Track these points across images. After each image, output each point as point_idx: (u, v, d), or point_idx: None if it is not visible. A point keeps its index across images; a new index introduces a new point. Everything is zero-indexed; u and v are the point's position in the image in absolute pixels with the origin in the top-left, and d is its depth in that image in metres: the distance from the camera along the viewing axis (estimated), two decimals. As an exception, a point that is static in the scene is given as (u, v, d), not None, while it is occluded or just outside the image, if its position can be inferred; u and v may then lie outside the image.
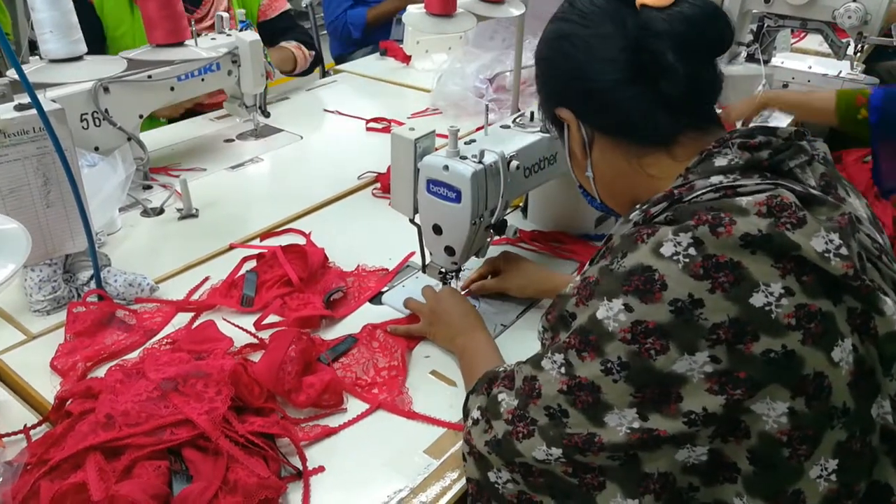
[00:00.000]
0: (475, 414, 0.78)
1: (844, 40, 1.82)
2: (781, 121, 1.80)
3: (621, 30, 0.74)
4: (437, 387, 1.01)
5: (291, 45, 2.10)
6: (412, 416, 0.94)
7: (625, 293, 0.63)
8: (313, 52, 2.19)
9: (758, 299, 0.60)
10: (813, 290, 0.61)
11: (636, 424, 0.64)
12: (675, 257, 0.62)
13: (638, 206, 0.73)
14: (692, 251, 0.61)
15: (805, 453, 0.61)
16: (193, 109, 2.01)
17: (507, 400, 0.74)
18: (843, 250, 0.61)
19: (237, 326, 1.08)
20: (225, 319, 1.10)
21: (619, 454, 0.66)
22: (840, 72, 1.88)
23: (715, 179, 0.69)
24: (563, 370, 0.68)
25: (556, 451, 0.68)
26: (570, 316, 0.69)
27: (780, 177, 0.69)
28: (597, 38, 0.76)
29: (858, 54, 1.86)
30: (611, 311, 0.64)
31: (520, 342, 1.09)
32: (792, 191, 0.65)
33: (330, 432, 0.91)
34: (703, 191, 0.67)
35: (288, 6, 2.22)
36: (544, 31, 0.83)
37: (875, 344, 0.63)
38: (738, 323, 0.60)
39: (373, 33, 2.88)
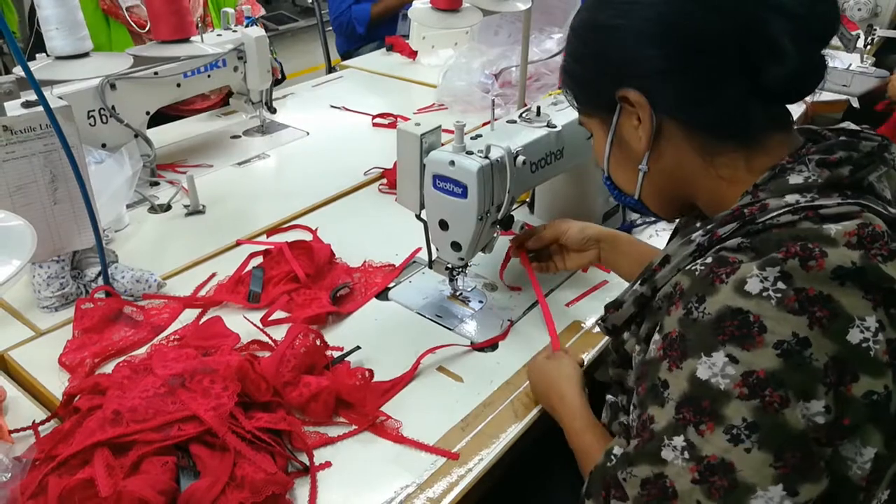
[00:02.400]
0: None
1: (854, 32, 1.80)
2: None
3: (730, 2, 0.64)
4: (444, 383, 1.00)
5: None
6: (399, 440, 0.90)
7: (721, 343, 0.56)
8: (280, 74, 2.19)
9: (854, 335, 0.55)
10: None
11: (788, 503, 0.54)
12: (765, 293, 0.56)
13: (700, 226, 0.67)
14: (781, 285, 0.56)
15: (875, 494, 0.58)
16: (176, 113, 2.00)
17: None
18: None
19: (248, 320, 1.08)
20: (237, 315, 1.10)
21: None
22: (850, 64, 1.87)
23: (791, 199, 0.62)
24: (687, 454, 0.57)
25: None
26: (663, 385, 0.60)
27: (859, 192, 0.63)
28: (691, 5, 0.65)
29: (868, 46, 1.84)
30: (715, 368, 0.56)
31: (525, 339, 1.08)
32: (877, 213, 0.60)
33: (328, 441, 0.90)
34: (780, 212, 0.61)
35: (262, 12, 2.21)
36: None
37: None
38: (838, 362, 0.55)
39: (377, 29, 2.88)
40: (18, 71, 1.05)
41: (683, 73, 0.66)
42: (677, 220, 0.89)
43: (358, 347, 1.03)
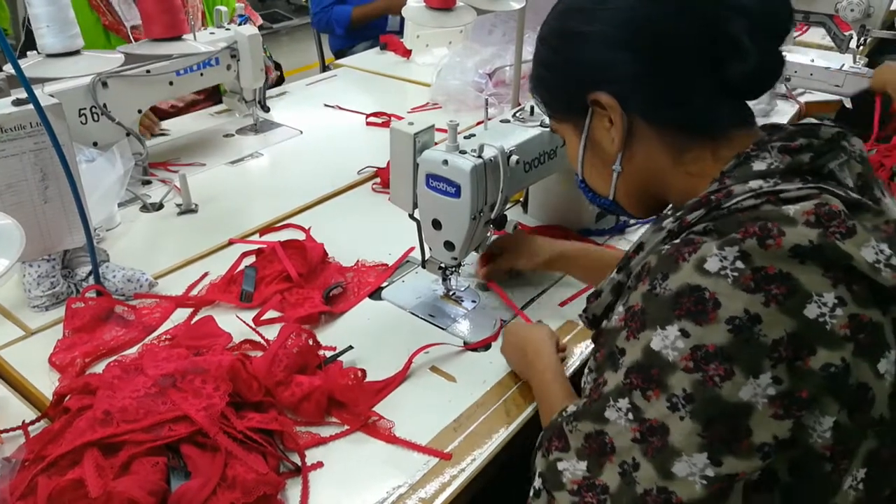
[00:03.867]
0: (536, 483, 0.70)
1: (847, 33, 1.81)
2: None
3: (693, 5, 0.67)
4: (436, 382, 1.00)
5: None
6: (392, 440, 0.90)
7: (678, 318, 0.59)
8: (278, 73, 2.18)
9: (812, 311, 0.57)
10: (864, 300, 0.58)
11: (710, 472, 0.58)
12: (722, 272, 0.58)
13: (671, 213, 0.69)
14: (739, 264, 0.58)
15: (845, 468, 0.60)
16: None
17: (569, 468, 0.66)
18: (894, 260, 0.59)
19: (240, 320, 1.08)
20: (230, 314, 1.10)
21: None
22: (843, 65, 1.87)
23: (754, 184, 0.65)
24: (631, 416, 0.62)
25: None
26: (620, 352, 0.64)
27: (820, 179, 0.66)
28: (654, 7, 0.68)
29: (861, 47, 1.85)
30: (667, 340, 0.59)
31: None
32: (836, 195, 0.62)
33: (320, 441, 0.89)
34: (743, 196, 0.63)
35: (260, 22, 2.20)
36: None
37: None
38: (795, 338, 0.57)
39: (363, 29, 2.87)
40: (9, 69, 1.04)
41: (652, 75, 0.69)
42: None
43: (350, 347, 1.03)
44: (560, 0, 0.76)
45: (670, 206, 0.79)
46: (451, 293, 1.18)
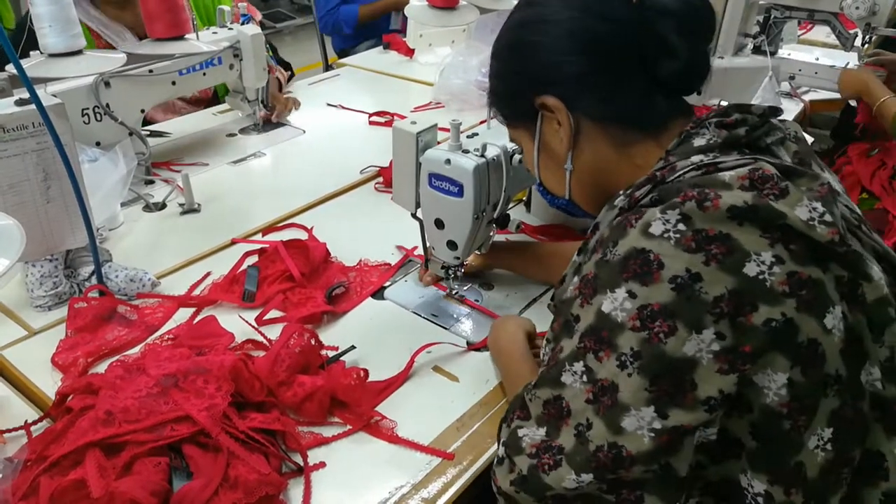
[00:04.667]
0: (500, 451, 0.73)
1: (852, 31, 1.80)
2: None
3: (616, 10, 0.75)
4: (439, 382, 1.00)
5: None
6: (394, 440, 0.90)
7: (625, 280, 0.62)
8: (289, 73, 2.18)
9: (751, 269, 0.60)
10: (802, 258, 0.61)
11: (658, 425, 0.61)
12: (665, 234, 0.62)
13: (622, 192, 0.73)
14: (681, 226, 0.61)
15: (804, 424, 0.62)
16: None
17: (528, 433, 0.69)
18: (828, 217, 0.61)
19: (243, 320, 1.08)
20: (232, 314, 1.10)
21: (652, 467, 0.62)
22: (847, 63, 1.86)
23: (696, 158, 0.69)
24: (584, 378, 0.65)
25: (587, 477, 0.64)
26: (575, 319, 0.67)
27: (757, 153, 0.70)
28: (590, 18, 0.75)
29: (866, 46, 1.84)
30: (616, 302, 0.62)
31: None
32: (772, 164, 0.65)
33: (322, 441, 0.89)
34: (685, 170, 0.68)
35: (259, 18, 2.19)
36: (517, 14, 0.81)
37: (863, 311, 0.64)
38: (736, 294, 0.60)
39: (365, 29, 2.87)
40: (11, 68, 1.04)
41: (593, 76, 0.76)
42: None
43: (353, 347, 1.03)
44: (508, 17, 0.83)
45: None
46: (453, 292, 1.17)
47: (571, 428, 0.65)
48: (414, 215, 1.11)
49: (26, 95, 0.99)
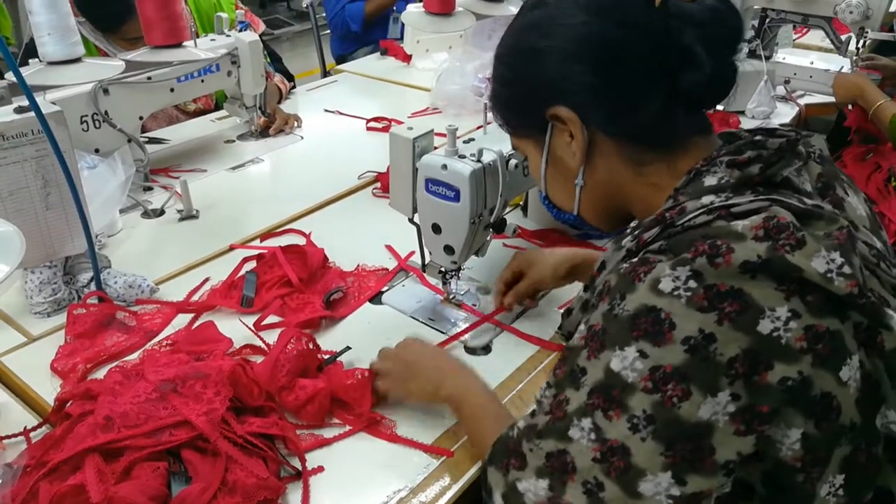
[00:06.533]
0: (498, 502, 0.70)
1: (845, 36, 1.81)
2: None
3: (639, 18, 0.69)
4: (436, 386, 1.00)
5: (276, 80, 2.06)
6: (394, 439, 0.90)
7: (635, 339, 0.60)
8: (292, 84, 2.18)
9: (765, 326, 0.57)
10: (819, 310, 0.58)
11: (676, 491, 0.59)
12: (675, 292, 0.59)
13: (629, 230, 0.70)
14: (692, 283, 0.59)
15: (817, 476, 0.60)
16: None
17: (531, 489, 0.66)
18: (846, 269, 0.59)
19: (243, 323, 1.08)
20: (231, 319, 1.10)
21: None
22: (842, 68, 1.87)
23: (706, 200, 0.65)
24: (593, 436, 0.62)
25: None
26: (581, 371, 0.64)
27: (773, 188, 0.66)
28: (610, 24, 0.69)
29: (860, 49, 1.85)
30: (626, 361, 0.60)
31: (518, 343, 1.09)
32: (787, 206, 0.62)
33: (323, 443, 0.90)
34: (696, 213, 0.64)
35: (263, 28, 2.19)
36: (526, 16, 0.75)
37: (882, 357, 0.62)
38: (751, 353, 0.57)
39: (372, 30, 2.90)
40: (11, 76, 1.05)
41: (609, 87, 0.70)
42: None
43: (348, 348, 1.03)
44: (515, 18, 0.77)
45: (635, 220, 0.80)
46: (451, 297, 1.18)
47: (578, 485, 0.62)
48: (411, 220, 1.12)
49: (25, 103, 0.99)
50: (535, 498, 0.65)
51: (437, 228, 1.06)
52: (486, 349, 1.07)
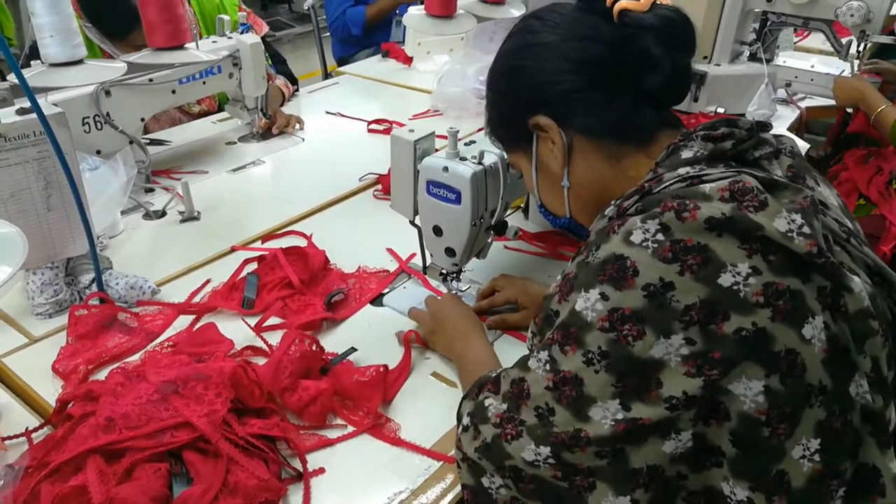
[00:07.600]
0: (465, 420, 0.78)
1: (846, 39, 1.81)
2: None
3: (600, 31, 0.78)
4: (438, 389, 1.00)
5: (279, 83, 2.06)
6: (397, 442, 0.91)
7: (600, 282, 0.65)
8: (296, 87, 2.18)
9: (726, 279, 0.61)
10: (781, 269, 0.62)
11: (620, 416, 0.64)
12: (644, 244, 0.64)
13: (613, 203, 0.75)
14: (660, 236, 0.63)
15: (785, 432, 0.62)
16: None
17: (494, 404, 0.74)
18: (806, 229, 0.62)
19: (245, 324, 1.08)
20: (232, 321, 1.10)
21: (606, 449, 0.65)
22: (843, 71, 1.88)
23: (682, 170, 0.71)
24: (547, 367, 0.69)
25: (545, 450, 0.68)
26: (555, 314, 0.71)
27: (745, 166, 0.71)
28: (576, 40, 0.79)
29: (861, 53, 1.85)
30: (588, 302, 0.65)
31: (519, 345, 1.09)
32: (755, 177, 0.66)
33: (326, 443, 0.90)
34: (671, 181, 0.70)
35: (266, 29, 2.18)
36: (508, 44, 0.85)
37: (846, 321, 0.64)
38: (708, 303, 0.61)
39: (373, 32, 2.90)
40: (13, 78, 1.05)
41: (582, 93, 0.79)
42: None
43: (353, 349, 1.03)
44: (500, 49, 0.87)
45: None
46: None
47: (531, 409, 0.69)
48: (412, 222, 1.12)
49: (27, 105, 1.00)
50: (494, 412, 0.73)
51: (438, 230, 1.06)
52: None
